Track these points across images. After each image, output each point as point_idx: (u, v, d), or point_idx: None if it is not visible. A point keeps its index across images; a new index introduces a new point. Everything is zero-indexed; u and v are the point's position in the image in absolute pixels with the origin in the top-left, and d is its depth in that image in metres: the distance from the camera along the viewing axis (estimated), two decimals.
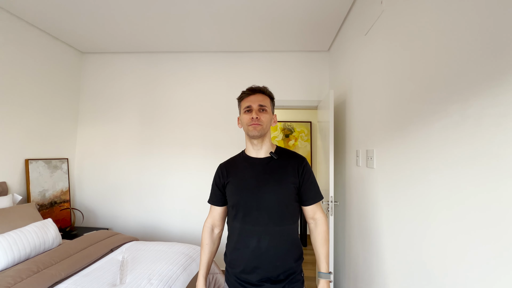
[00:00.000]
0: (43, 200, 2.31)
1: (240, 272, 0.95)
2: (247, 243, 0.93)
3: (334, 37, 2.35)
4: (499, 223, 0.65)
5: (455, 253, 0.80)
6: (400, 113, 1.17)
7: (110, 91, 2.81)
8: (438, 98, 0.90)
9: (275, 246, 0.92)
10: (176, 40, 2.49)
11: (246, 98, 1.00)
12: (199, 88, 2.74)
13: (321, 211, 1.02)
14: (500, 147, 0.65)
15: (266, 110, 0.98)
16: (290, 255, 0.95)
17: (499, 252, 0.65)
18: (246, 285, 0.94)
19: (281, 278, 0.93)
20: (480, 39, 0.72)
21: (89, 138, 2.81)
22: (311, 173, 1.02)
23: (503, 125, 0.64)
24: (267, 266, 0.92)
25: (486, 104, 0.70)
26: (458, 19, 0.81)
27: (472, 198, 0.74)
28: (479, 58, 0.73)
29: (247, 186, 0.96)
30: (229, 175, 1.02)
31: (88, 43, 2.62)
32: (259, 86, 1.03)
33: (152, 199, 2.71)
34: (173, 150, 2.72)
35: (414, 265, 1.03)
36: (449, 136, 0.84)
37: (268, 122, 0.98)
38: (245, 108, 0.98)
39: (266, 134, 1.00)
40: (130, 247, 1.81)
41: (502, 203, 0.64)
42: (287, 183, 0.95)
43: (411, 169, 1.06)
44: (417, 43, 1.05)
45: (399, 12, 1.20)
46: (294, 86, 2.66)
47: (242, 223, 0.95)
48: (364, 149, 1.59)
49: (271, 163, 0.99)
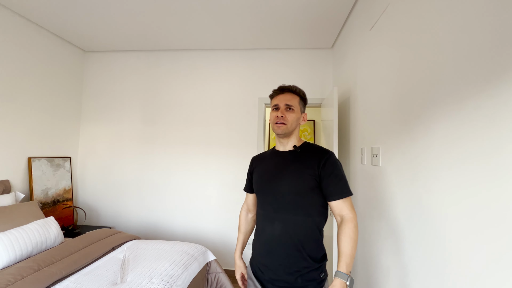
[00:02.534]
0: (46, 199, 2.31)
1: (257, 255, 1.03)
2: (264, 227, 1.01)
3: (338, 34, 2.31)
4: (503, 220, 0.61)
5: (464, 251, 0.77)
6: (405, 109, 1.14)
7: (113, 89, 2.81)
8: (445, 93, 0.86)
9: (288, 233, 0.95)
10: (178, 38, 2.48)
11: (275, 97, 1.05)
12: (202, 86, 2.72)
13: (349, 208, 0.95)
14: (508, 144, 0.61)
15: (293, 109, 1.00)
16: (305, 247, 0.94)
17: (500, 251, 0.61)
18: (262, 268, 1.00)
19: (295, 269, 0.93)
20: (493, 30, 0.69)
21: (92, 137, 2.81)
22: (335, 167, 0.96)
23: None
24: (280, 252, 0.95)
25: (498, 100, 0.66)
26: (468, 10, 0.77)
27: (480, 195, 0.70)
28: (490, 51, 0.69)
29: (267, 175, 1.03)
30: (256, 165, 1.12)
31: (90, 42, 2.62)
32: (290, 85, 1.05)
33: (155, 197, 2.71)
34: (175, 149, 2.71)
35: (424, 263, 0.99)
36: (457, 133, 0.80)
37: (294, 121, 1.01)
38: (273, 106, 1.04)
39: (293, 132, 1.03)
40: (132, 246, 1.79)
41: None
42: (304, 174, 0.96)
43: (418, 167, 1.03)
44: (423, 37, 1.01)
45: (405, 5, 1.16)
46: (297, 83, 2.56)
47: (261, 209, 1.03)
48: (369, 147, 1.55)
49: (294, 155, 1.02)
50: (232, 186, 2.62)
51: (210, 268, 1.84)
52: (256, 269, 1.03)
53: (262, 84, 2.66)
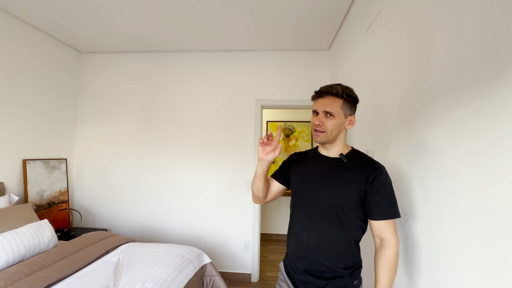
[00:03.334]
0: (41, 201, 2.29)
1: (291, 256, 1.00)
2: (299, 233, 0.97)
3: (335, 35, 2.31)
4: (492, 219, 0.61)
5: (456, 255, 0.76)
6: (400, 112, 1.13)
7: (110, 90, 2.80)
8: (437, 97, 0.86)
9: (323, 245, 0.91)
10: (176, 39, 2.47)
11: (314, 101, 0.95)
12: (199, 87, 2.71)
13: (392, 233, 0.87)
14: (496, 147, 0.60)
15: (333, 115, 0.89)
16: (338, 260, 0.91)
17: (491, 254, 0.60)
18: (294, 270, 0.98)
19: (327, 276, 0.91)
20: (487, 31, 0.68)
21: (88, 138, 2.80)
22: (385, 185, 0.88)
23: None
24: (312, 260, 0.93)
25: (488, 103, 0.65)
26: (461, 14, 0.77)
27: (472, 196, 0.69)
28: (484, 53, 0.68)
29: (308, 180, 0.97)
30: (296, 162, 1.05)
31: (86, 43, 2.61)
32: (331, 86, 0.92)
33: (151, 200, 2.69)
34: (172, 151, 2.70)
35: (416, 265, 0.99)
36: (451, 137, 0.80)
37: (335, 128, 0.90)
38: (312, 111, 0.96)
39: (336, 138, 0.94)
40: (126, 249, 1.78)
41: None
42: (348, 188, 0.89)
43: (411, 171, 1.02)
44: (417, 40, 1.00)
45: (400, 7, 1.15)
46: (295, 85, 2.62)
47: (298, 214, 0.99)
48: (364, 149, 1.54)
49: (339, 164, 0.94)
50: (229, 187, 2.61)
51: (205, 271, 1.83)
52: (289, 268, 1.01)
53: (260, 86, 2.65)
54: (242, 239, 2.57)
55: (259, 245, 2.62)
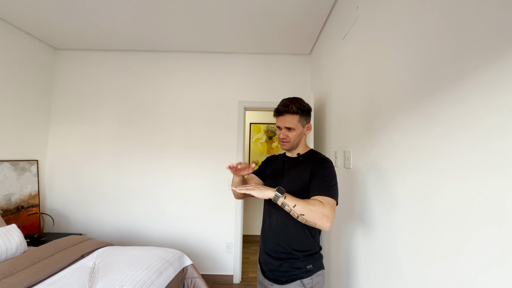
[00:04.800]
0: (8, 205, 2.15)
1: (260, 242, 1.19)
2: (265, 219, 1.17)
3: (315, 41, 2.40)
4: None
5: (415, 243, 0.83)
6: (373, 116, 1.21)
7: (86, 90, 2.69)
8: (405, 101, 0.93)
9: (279, 228, 1.08)
10: (157, 38, 2.44)
11: (277, 118, 1.12)
12: (181, 88, 2.69)
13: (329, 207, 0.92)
14: (451, 149, 0.68)
15: (293, 128, 1.08)
16: (292, 242, 1.05)
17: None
18: (262, 253, 1.15)
19: (282, 257, 1.05)
20: (445, 42, 0.76)
21: (62, 139, 2.67)
22: (324, 171, 1.01)
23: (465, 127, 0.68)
24: (272, 241, 1.10)
25: (451, 108, 0.73)
26: (426, 25, 0.85)
27: (440, 195, 0.77)
28: (444, 60, 0.76)
29: (275, 175, 1.18)
30: (269, 163, 1.28)
31: (62, 39, 2.50)
32: (288, 103, 1.06)
33: (130, 202, 2.61)
34: (153, 152, 2.64)
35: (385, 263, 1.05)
36: (418, 138, 0.87)
37: (296, 137, 1.10)
38: (277, 126, 1.13)
39: (298, 144, 1.14)
40: (103, 253, 1.72)
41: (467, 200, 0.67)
42: (301, 178, 1.06)
43: (383, 170, 1.09)
44: (387, 49, 1.08)
45: (373, 18, 1.24)
46: (277, 88, 2.68)
47: (265, 203, 1.19)
48: (342, 150, 1.62)
49: (296, 161, 1.14)
50: (212, 189, 2.60)
51: (186, 273, 1.81)
52: (260, 254, 1.18)
53: (243, 88, 2.68)
54: (224, 241, 2.57)
55: (242, 246, 2.63)
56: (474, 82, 0.65)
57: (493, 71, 0.60)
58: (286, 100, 1.08)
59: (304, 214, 0.89)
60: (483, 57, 0.62)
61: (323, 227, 0.90)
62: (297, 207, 0.90)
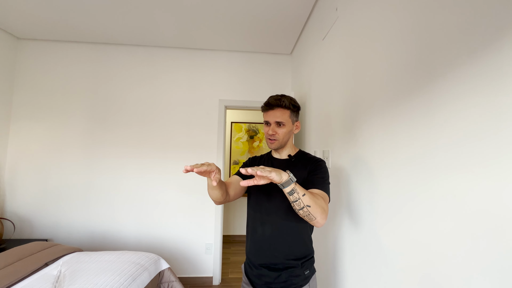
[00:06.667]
0: None
1: (248, 253, 1.08)
2: (256, 228, 1.05)
3: (296, 41, 2.41)
4: (430, 215, 0.70)
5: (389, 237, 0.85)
6: (350, 117, 1.23)
7: (53, 83, 2.49)
8: (382, 101, 0.96)
9: (276, 236, 1.00)
10: (132, 31, 2.31)
11: (265, 112, 1.05)
12: (158, 84, 2.58)
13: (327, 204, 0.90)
14: (431, 148, 0.71)
15: (284, 124, 1.02)
16: (291, 250, 0.99)
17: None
18: (251, 266, 1.05)
19: (280, 267, 0.98)
20: (423, 41, 0.78)
21: (25, 136, 2.45)
22: (321, 169, 1.00)
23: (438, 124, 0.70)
24: (267, 252, 1.01)
25: (424, 109, 0.75)
26: (402, 25, 0.87)
27: (412, 194, 0.79)
28: (417, 61, 0.78)
29: None
30: (252, 164, 1.15)
31: (25, 28, 2.29)
32: (280, 97, 1.02)
33: (103, 205, 2.46)
34: (128, 151, 2.51)
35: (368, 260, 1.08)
36: (392, 139, 0.89)
37: (285, 135, 1.04)
38: (264, 121, 1.06)
39: (286, 143, 1.07)
40: (70, 260, 1.60)
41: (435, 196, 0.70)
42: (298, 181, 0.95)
43: (360, 170, 1.12)
44: (364, 51, 1.11)
45: (352, 19, 1.26)
46: (259, 87, 2.67)
47: (253, 210, 1.08)
48: (321, 150, 1.64)
49: (288, 163, 1.07)
50: (191, 190, 2.52)
51: (163, 278, 1.73)
52: (247, 267, 1.08)
53: (223, 86, 2.63)
54: (204, 242, 2.51)
55: (221, 247, 2.59)
56: (452, 81, 0.67)
57: (464, 71, 0.62)
58: (277, 95, 1.03)
59: (310, 205, 0.80)
60: (460, 57, 0.64)
61: (321, 223, 0.84)
62: (306, 197, 0.80)
